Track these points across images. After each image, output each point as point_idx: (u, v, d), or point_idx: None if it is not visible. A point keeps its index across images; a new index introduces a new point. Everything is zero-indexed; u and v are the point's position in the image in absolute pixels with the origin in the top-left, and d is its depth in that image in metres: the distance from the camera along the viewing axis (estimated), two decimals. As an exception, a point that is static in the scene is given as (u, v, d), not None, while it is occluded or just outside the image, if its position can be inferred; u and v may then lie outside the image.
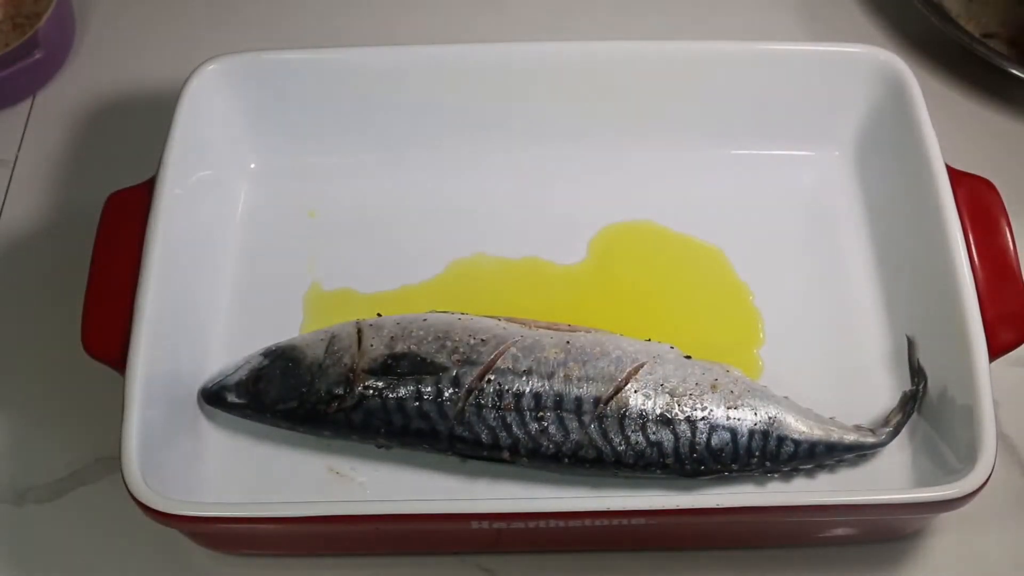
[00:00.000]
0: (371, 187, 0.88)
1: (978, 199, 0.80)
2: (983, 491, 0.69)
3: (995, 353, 0.74)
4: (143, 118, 0.93)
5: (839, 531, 0.76)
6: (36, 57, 0.95)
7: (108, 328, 0.74)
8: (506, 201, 0.88)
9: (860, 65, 0.86)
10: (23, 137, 0.96)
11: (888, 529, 0.77)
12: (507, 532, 0.72)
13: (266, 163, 0.89)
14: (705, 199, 0.88)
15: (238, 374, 0.77)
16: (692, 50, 0.88)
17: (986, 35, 0.98)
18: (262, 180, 0.89)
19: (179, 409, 0.77)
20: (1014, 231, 0.79)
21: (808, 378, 0.79)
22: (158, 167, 0.80)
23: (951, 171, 0.80)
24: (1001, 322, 0.75)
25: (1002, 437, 0.79)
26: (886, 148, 0.85)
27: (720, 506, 0.69)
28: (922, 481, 0.75)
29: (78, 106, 0.97)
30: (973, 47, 0.95)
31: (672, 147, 0.89)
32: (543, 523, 0.70)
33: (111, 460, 0.74)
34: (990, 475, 0.69)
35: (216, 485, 0.76)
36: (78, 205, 0.91)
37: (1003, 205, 0.80)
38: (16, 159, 0.95)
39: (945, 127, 0.83)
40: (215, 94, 0.84)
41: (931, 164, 0.80)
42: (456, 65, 0.87)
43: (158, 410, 0.73)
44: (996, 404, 0.72)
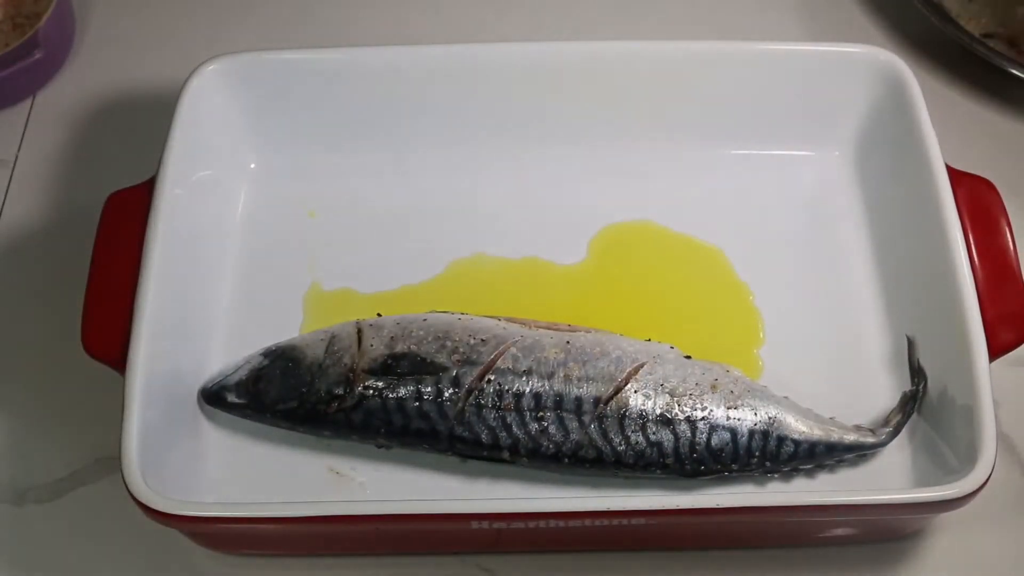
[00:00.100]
0: (371, 187, 0.88)
1: (978, 199, 0.80)
2: (983, 491, 0.69)
3: (995, 353, 0.74)
4: (143, 118, 0.93)
5: (839, 531, 0.76)
6: (36, 57, 0.95)
7: (108, 328, 0.74)
8: (506, 201, 0.88)
9: (860, 65, 0.86)
10: (23, 137, 0.96)
11: (888, 529, 0.77)
12: (507, 532, 0.72)
13: (266, 163, 0.89)
14: (705, 199, 0.88)
15: (238, 374, 0.77)
16: (692, 50, 0.88)
17: (986, 35, 0.98)
18: (262, 180, 0.89)
19: (179, 409, 0.77)
20: (1014, 231, 0.79)
21: (808, 378, 0.79)
22: (158, 167, 0.80)
23: (951, 171, 0.80)
24: (1001, 322, 0.75)
25: (1002, 437, 0.79)
26: (886, 148, 0.85)
27: (720, 506, 0.69)
28: (922, 481, 0.75)
29: (78, 106, 0.97)
30: (973, 47, 0.95)
31: (672, 147, 0.89)
32: (543, 523, 0.70)
33: (111, 460, 0.74)
34: (990, 475, 0.69)
35: (216, 485, 0.76)
36: (78, 205, 0.91)
37: (1003, 205, 0.80)
38: (16, 159, 0.94)
39: (945, 127, 0.83)
40: (215, 94, 0.84)
41: (931, 164, 0.80)
42: (456, 65, 0.87)
43: (158, 410, 0.73)
44: (996, 404, 0.72)
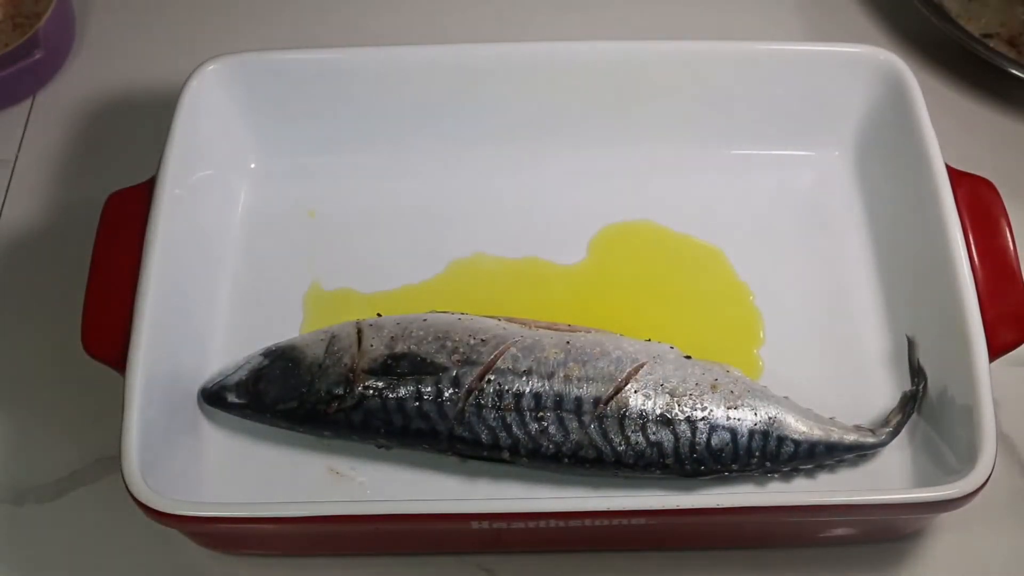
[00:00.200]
0: (371, 187, 0.88)
1: (978, 199, 0.80)
2: (983, 491, 0.69)
3: (995, 353, 0.74)
4: (143, 118, 0.93)
5: (839, 531, 0.76)
6: (36, 57, 0.95)
7: (108, 328, 0.74)
8: (506, 201, 0.88)
9: (860, 65, 0.86)
10: (23, 137, 0.96)
11: (888, 529, 0.77)
12: (507, 532, 0.72)
13: (266, 163, 0.89)
14: (705, 199, 0.88)
15: (238, 374, 0.77)
16: (692, 50, 0.88)
17: (986, 35, 0.98)
18: (262, 180, 0.89)
19: (179, 409, 0.77)
20: (1014, 231, 0.79)
21: (808, 378, 0.79)
22: (158, 167, 0.80)
23: (951, 171, 0.80)
24: (1001, 322, 0.75)
25: (1002, 437, 0.79)
26: (886, 148, 0.85)
27: (720, 506, 0.69)
28: (922, 481, 0.75)
29: (78, 106, 0.97)
30: (973, 47, 0.95)
31: (672, 147, 0.89)
32: (543, 523, 0.70)
33: (111, 460, 0.74)
34: (990, 475, 0.69)
35: (216, 485, 0.76)
36: (78, 205, 0.91)
37: (1003, 205, 0.80)
38: (16, 159, 0.94)
39: (945, 127, 0.83)
40: (215, 94, 0.84)
41: (931, 164, 0.80)
42: (456, 65, 0.87)
43: (158, 410, 0.73)
44: (996, 404, 0.72)
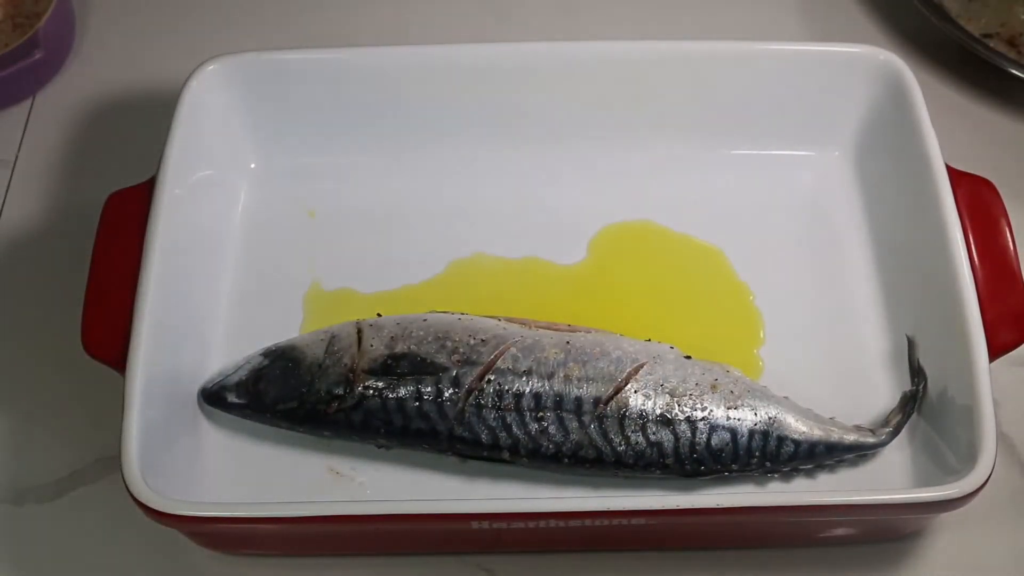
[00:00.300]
0: (371, 187, 0.88)
1: (978, 199, 0.80)
2: (983, 491, 0.69)
3: (995, 353, 0.74)
4: (143, 118, 0.93)
5: (839, 531, 0.76)
6: (36, 57, 0.95)
7: (108, 328, 0.74)
8: (506, 201, 0.88)
9: (860, 65, 0.86)
10: (23, 137, 0.96)
11: (888, 529, 0.77)
12: (507, 532, 0.72)
13: (266, 163, 0.89)
14: (705, 199, 0.88)
15: (238, 374, 0.77)
16: (692, 50, 0.88)
17: (986, 35, 0.98)
18: (262, 180, 0.89)
19: (179, 409, 0.77)
20: (1014, 231, 0.79)
21: (808, 378, 0.79)
22: (158, 167, 0.80)
23: (951, 171, 0.80)
24: (1001, 322, 0.75)
25: (1002, 437, 0.79)
26: (886, 148, 0.85)
27: (720, 506, 0.69)
28: (922, 481, 0.75)
29: (78, 106, 0.97)
30: (973, 47, 0.95)
31: (672, 147, 0.89)
32: (543, 523, 0.70)
33: (111, 460, 0.74)
34: (990, 475, 0.69)
35: (216, 485, 0.76)
36: (78, 205, 0.91)
37: (1003, 205, 0.80)
38: (16, 159, 0.94)
39: (945, 127, 0.83)
40: (215, 94, 0.84)
41: (931, 164, 0.80)
42: (456, 65, 0.87)
43: (158, 410, 0.73)
44: (996, 404, 0.72)
